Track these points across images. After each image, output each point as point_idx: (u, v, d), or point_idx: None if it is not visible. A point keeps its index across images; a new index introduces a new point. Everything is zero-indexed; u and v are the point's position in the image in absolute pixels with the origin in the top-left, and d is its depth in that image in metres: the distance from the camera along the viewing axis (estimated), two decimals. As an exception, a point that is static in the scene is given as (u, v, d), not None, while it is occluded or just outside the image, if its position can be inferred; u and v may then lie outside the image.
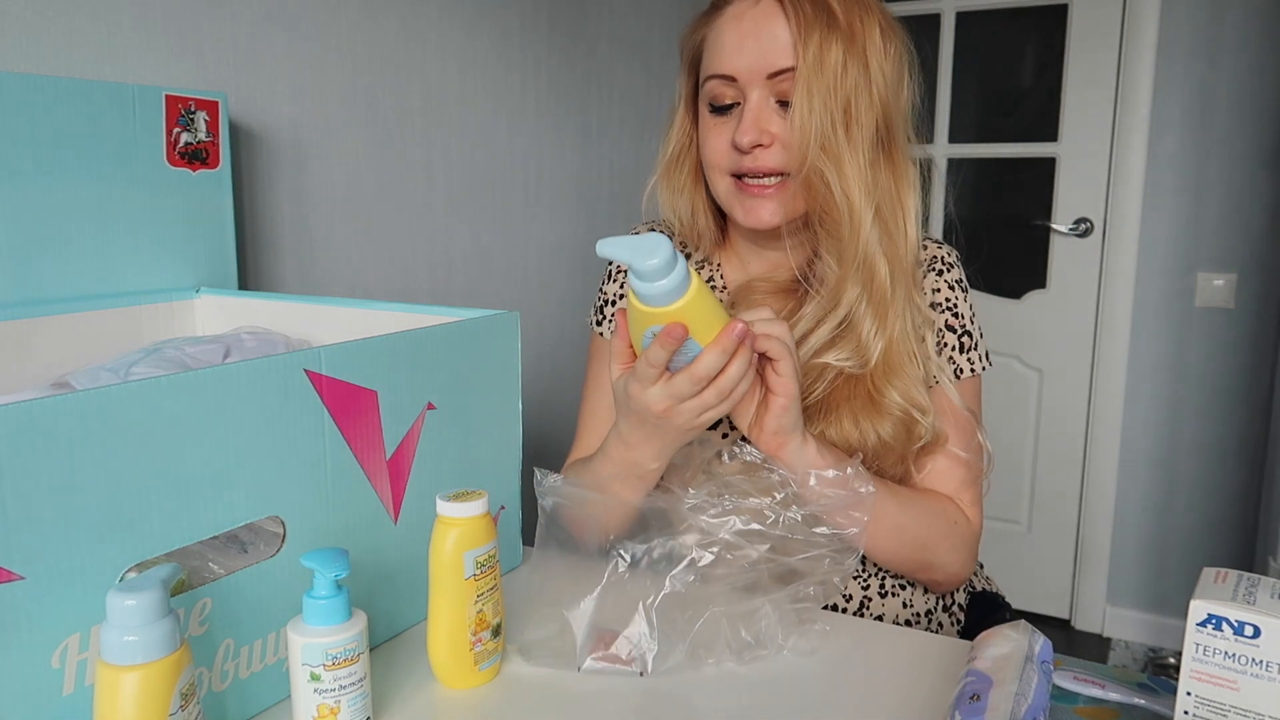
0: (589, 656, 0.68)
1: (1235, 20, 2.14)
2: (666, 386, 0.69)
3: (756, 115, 0.82)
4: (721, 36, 0.84)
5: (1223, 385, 2.26)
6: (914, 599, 0.90)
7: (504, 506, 0.84)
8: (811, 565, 0.71)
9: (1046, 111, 2.38)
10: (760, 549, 0.70)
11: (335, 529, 0.66)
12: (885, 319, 0.82)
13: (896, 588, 0.89)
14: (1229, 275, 2.22)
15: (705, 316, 0.67)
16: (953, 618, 0.95)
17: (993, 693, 0.56)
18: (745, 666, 0.69)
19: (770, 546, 0.71)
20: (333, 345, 0.65)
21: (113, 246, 0.87)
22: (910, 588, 0.90)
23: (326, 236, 1.24)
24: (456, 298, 1.47)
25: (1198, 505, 2.32)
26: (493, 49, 1.53)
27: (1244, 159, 2.17)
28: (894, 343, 0.83)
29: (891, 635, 0.76)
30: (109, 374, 0.78)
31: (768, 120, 0.82)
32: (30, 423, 0.47)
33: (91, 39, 0.92)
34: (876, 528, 0.78)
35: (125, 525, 0.52)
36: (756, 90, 0.82)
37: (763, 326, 0.71)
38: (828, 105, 0.78)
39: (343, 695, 0.57)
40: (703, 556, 0.70)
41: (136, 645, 0.47)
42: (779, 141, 0.82)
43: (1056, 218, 2.39)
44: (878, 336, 0.82)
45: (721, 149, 0.85)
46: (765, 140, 0.81)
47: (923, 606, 0.91)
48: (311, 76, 1.19)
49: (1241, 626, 0.50)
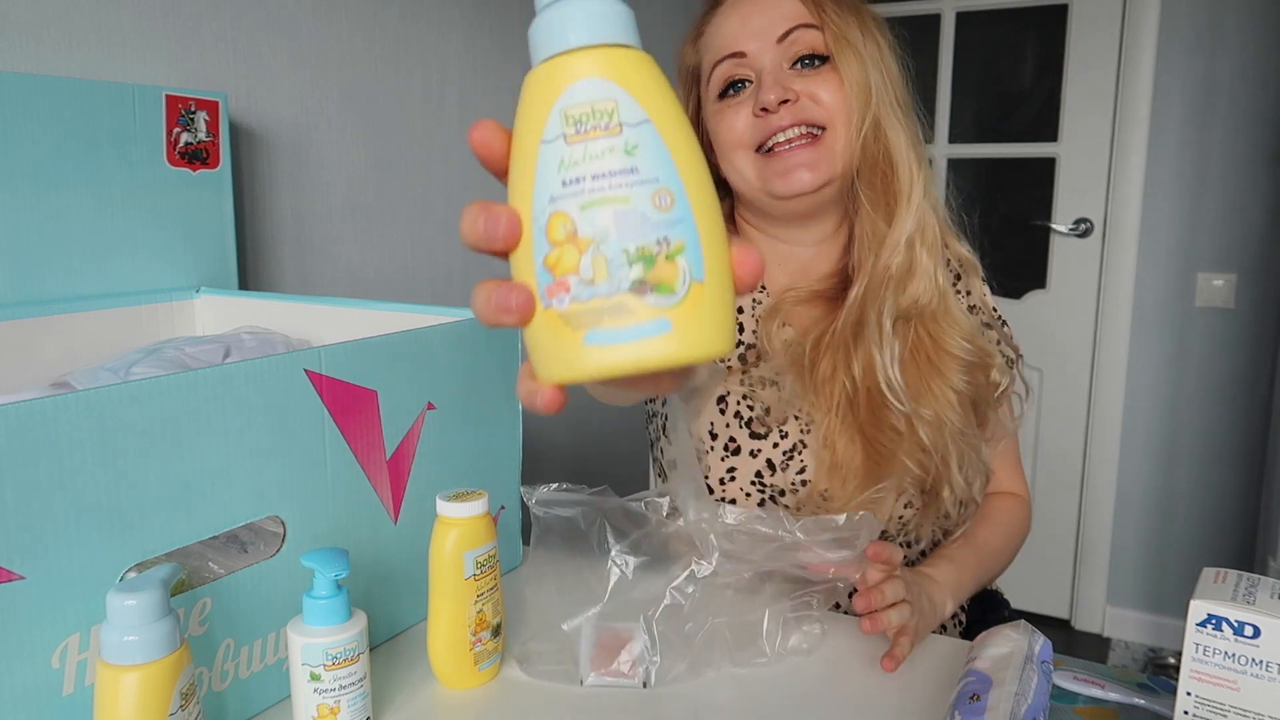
0: (592, 672, 0.68)
1: (1235, 20, 2.14)
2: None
3: (775, 74, 0.82)
4: (725, 23, 0.84)
5: (1222, 385, 2.26)
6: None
7: (504, 506, 0.84)
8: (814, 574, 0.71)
9: (1046, 112, 2.38)
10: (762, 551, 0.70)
11: (335, 529, 0.66)
12: (938, 265, 0.83)
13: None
14: (1229, 275, 2.22)
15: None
16: (955, 618, 0.94)
17: (992, 693, 0.56)
18: (745, 669, 0.69)
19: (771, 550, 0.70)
20: (333, 345, 0.65)
21: (113, 246, 0.87)
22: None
23: (326, 236, 1.24)
24: (456, 298, 1.47)
25: (1198, 505, 2.32)
26: (493, 49, 1.53)
27: (1244, 159, 2.17)
28: (945, 292, 0.83)
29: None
30: (109, 374, 0.78)
31: (789, 80, 0.82)
32: (30, 422, 0.47)
33: (92, 39, 0.92)
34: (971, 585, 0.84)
35: (125, 525, 0.52)
36: (769, 56, 0.82)
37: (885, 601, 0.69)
38: (867, 55, 0.81)
39: (343, 695, 0.58)
40: (702, 566, 0.70)
41: (137, 645, 0.47)
42: (805, 97, 0.81)
43: (1056, 218, 2.39)
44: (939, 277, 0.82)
45: (740, 125, 0.83)
46: (791, 95, 0.81)
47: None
48: (312, 77, 1.19)
49: (1241, 626, 0.50)
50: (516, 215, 0.33)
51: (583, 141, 0.32)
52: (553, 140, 0.32)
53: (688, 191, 0.32)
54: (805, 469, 0.84)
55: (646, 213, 0.31)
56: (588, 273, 0.31)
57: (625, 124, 0.32)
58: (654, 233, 0.31)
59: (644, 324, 0.31)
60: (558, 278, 0.32)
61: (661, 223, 0.31)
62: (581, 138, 0.32)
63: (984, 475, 0.87)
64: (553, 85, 0.33)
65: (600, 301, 0.31)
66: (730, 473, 0.86)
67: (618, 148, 0.32)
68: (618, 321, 0.31)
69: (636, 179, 0.31)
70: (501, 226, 0.33)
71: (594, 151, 0.32)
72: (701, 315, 0.32)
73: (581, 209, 0.31)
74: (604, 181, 0.31)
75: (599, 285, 0.31)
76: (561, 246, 0.32)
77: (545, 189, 0.32)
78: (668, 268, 0.31)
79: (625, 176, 0.31)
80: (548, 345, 0.33)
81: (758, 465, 0.85)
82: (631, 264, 0.31)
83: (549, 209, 0.32)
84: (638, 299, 0.31)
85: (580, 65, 0.33)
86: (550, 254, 0.32)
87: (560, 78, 0.33)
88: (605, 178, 0.31)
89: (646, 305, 0.31)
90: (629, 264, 0.31)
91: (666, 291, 0.31)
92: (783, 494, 0.85)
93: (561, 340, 0.32)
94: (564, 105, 0.32)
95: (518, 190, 0.33)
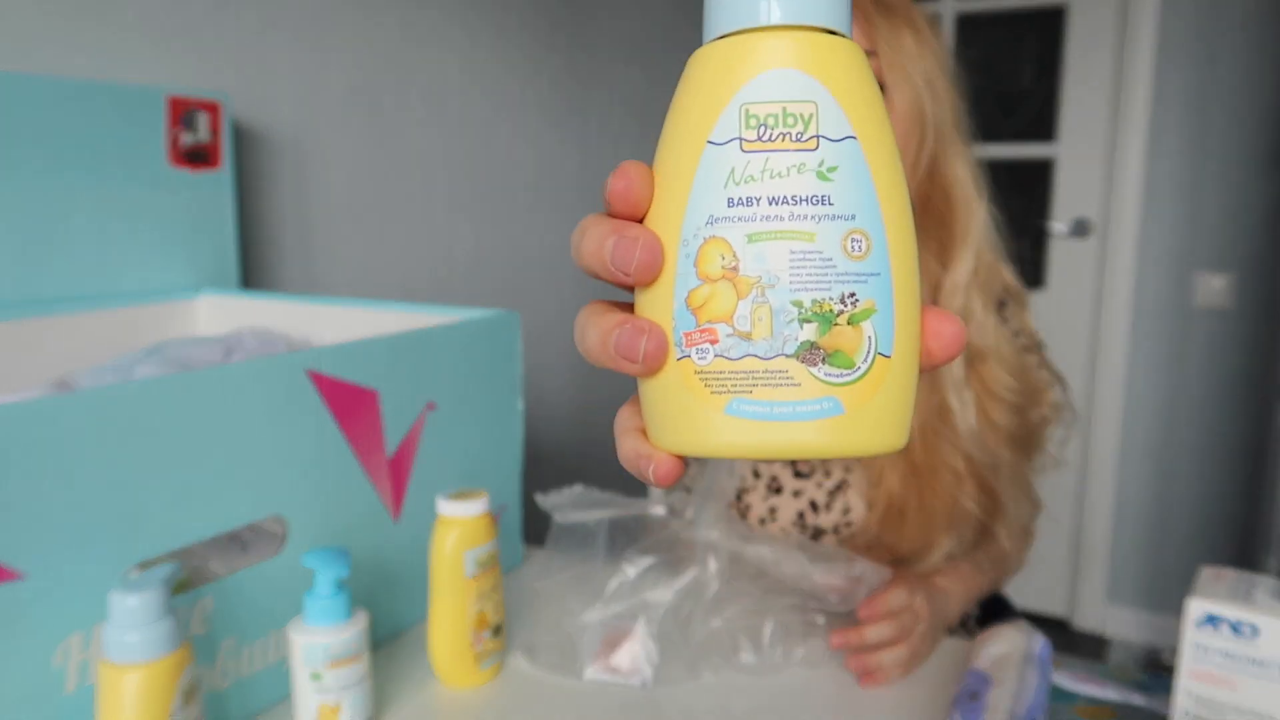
0: (590, 666, 0.68)
1: (1233, 22, 2.14)
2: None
3: None
4: None
5: (1222, 385, 2.26)
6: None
7: (504, 506, 0.84)
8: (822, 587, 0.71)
9: (1045, 113, 2.38)
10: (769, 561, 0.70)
11: (336, 529, 0.66)
12: (989, 300, 0.78)
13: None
14: (1228, 276, 2.22)
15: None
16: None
17: (992, 692, 0.56)
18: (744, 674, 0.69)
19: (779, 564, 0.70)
20: (334, 345, 0.65)
21: (114, 247, 0.87)
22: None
23: (328, 237, 1.24)
24: (457, 298, 1.48)
25: (1196, 505, 2.33)
26: (493, 50, 1.53)
27: (1242, 159, 2.17)
28: (994, 329, 0.79)
29: (891, 635, 0.76)
30: (110, 374, 0.78)
31: None
32: (32, 422, 0.47)
33: (93, 40, 0.92)
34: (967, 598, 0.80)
35: (127, 524, 0.52)
36: None
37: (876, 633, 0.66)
38: (920, 84, 0.74)
39: (344, 694, 0.58)
40: (708, 569, 0.70)
41: (138, 644, 0.48)
42: None
43: (1055, 218, 2.40)
44: (985, 315, 0.78)
45: None
46: None
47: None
48: (313, 77, 1.19)
49: (1239, 625, 0.50)
50: (659, 243, 0.26)
51: (764, 152, 0.25)
52: (724, 143, 0.25)
53: (889, 238, 0.25)
54: (850, 510, 0.83)
55: (834, 258, 0.25)
56: (744, 324, 0.25)
57: (824, 138, 0.25)
58: (840, 286, 0.25)
59: (808, 402, 0.25)
60: (703, 324, 0.25)
61: (851, 274, 0.25)
62: (764, 146, 0.25)
63: (1037, 507, 0.84)
64: (734, 70, 0.25)
65: (755, 363, 0.25)
66: (772, 512, 0.85)
67: (810, 167, 0.25)
68: (774, 394, 0.25)
69: (828, 212, 0.25)
70: (638, 254, 0.25)
71: (777, 167, 0.25)
72: (881, 399, 0.25)
73: (748, 239, 0.25)
74: (784, 209, 0.24)
75: (757, 343, 0.25)
76: (714, 284, 0.25)
77: (703, 205, 0.25)
78: (850, 334, 0.25)
79: (813, 207, 0.24)
80: (675, 405, 0.26)
81: (800, 506, 0.84)
82: (804, 322, 0.24)
83: (705, 232, 0.25)
84: (805, 368, 0.25)
85: (776, 49, 0.25)
86: (697, 291, 0.25)
87: (747, 61, 0.25)
88: (787, 204, 0.24)
89: (815, 378, 0.25)
90: (800, 321, 0.24)
91: (844, 364, 0.25)
92: (822, 533, 0.84)
93: (695, 403, 0.26)
94: (746, 99, 0.25)
95: (665, 202, 0.26)
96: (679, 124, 0.26)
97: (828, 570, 0.69)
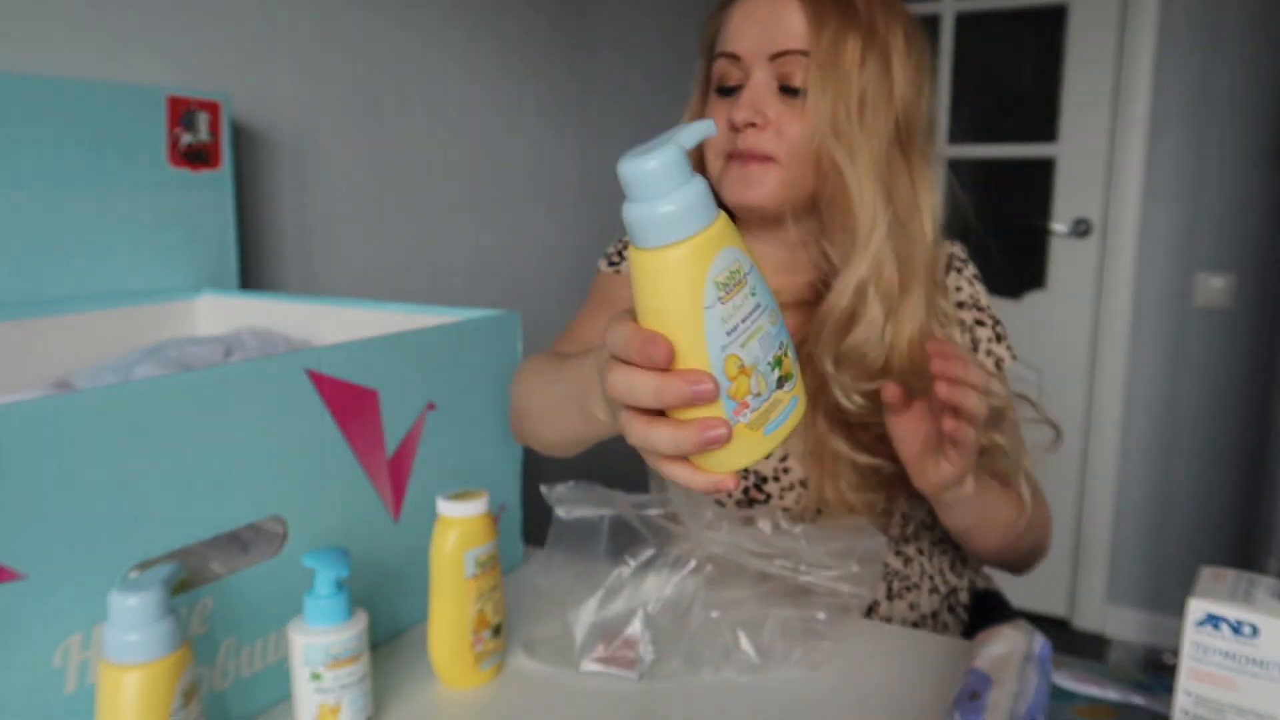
0: (587, 658, 0.68)
1: (1233, 21, 2.14)
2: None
3: (755, 95, 0.81)
4: (732, 18, 0.84)
5: (1222, 385, 2.26)
6: (920, 600, 0.90)
7: (504, 506, 0.84)
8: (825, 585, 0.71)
9: (1045, 112, 2.38)
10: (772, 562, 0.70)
11: (336, 529, 0.66)
12: (900, 318, 0.80)
13: (904, 590, 0.89)
14: (1228, 276, 2.22)
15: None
16: (958, 618, 0.95)
17: (992, 692, 0.56)
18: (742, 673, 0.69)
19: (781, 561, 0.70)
20: (334, 345, 0.65)
21: (114, 247, 0.87)
22: (916, 589, 0.90)
23: (327, 237, 1.24)
24: (457, 298, 1.48)
25: (1197, 505, 2.33)
26: (493, 50, 1.53)
27: (1242, 159, 2.17)
28: (914, 343, 0.80)
29: (892, 635, 0.76)
30: (110, 374, 0.78)
31: (766, 102, 0.81)
32: (31, 422, 0.47)
33: (93, 40, 0.92)
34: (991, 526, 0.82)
35: (127, 525, 0.52)
36: (759, 70, 0.81)
37: (964, 371, 0.63)
38: (843, 93, 0.77)
39: (344, 694, 0.58)
40: (708, 565, 0.70)
41: (138, 644, 0.48)
42: (773, 126, 0.81)
43: (1055, 218, 2.40)
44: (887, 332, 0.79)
45: (720, 130, 0.84)
46: (759, 120, 0.80)
47: (929, 608, 0.91)
48: (313, 78, 1.19)
49: (1240, 626, 0.50)
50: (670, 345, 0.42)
51: (731, 299, 0.41)
52: (711, 305, 0.41)
53: (775, 303, 0.44)
54: (790, 468, 0.85)
55: (771, 331, 0.43)
56: (755, 389, 0.42)
57: (747, 274, 0.42)
58: (777, 342, 0.43)
59: (788, 406, 0.44)
60: (739, 400, 0.42)
61: (778, 333, 0.43)
62: (729, 296, 0.41)
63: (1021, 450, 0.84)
64: (700, 262, 0.41)
65: (767, 405, 0.43)
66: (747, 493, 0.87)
67: (748, 292, 0.42)
68: (777, 411, 0.44)
69: (761, 310, 0.42)
70: (662, 352, 0.42)
71: (738, 303, 0.41)
72: (803, 382, 0.45)
73: (742, 346, 0.42)
74: (749, 321, 0.42)
75: (763, 394, 0.43)
76: (736, 379, 0.42)
77: (716, 341, 0.41)
78: (788, 363, 0.44)
79: (757, 313, 0.42)
80: (734, 447, 0.43)
81: (747, 483, 0.86)
82: (773, 370, 0.43)
83: (723, 355, 0.41)
84: (782, 391, 0.44)
85: (716, 241, 0.41)
86: (730, 387, 0.42)
87: (705, 255, 0.41)
88: (750, 318, 0.42)
89: (786, 392, 0.44)
90: (772, 371, 0.43)
91: (791, 378, 0.44)
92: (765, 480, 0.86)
93: (748, 440, 0.43)
94: (713, 275, 0.41)
95: (691, 346, 0.42)
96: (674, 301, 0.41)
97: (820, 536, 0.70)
